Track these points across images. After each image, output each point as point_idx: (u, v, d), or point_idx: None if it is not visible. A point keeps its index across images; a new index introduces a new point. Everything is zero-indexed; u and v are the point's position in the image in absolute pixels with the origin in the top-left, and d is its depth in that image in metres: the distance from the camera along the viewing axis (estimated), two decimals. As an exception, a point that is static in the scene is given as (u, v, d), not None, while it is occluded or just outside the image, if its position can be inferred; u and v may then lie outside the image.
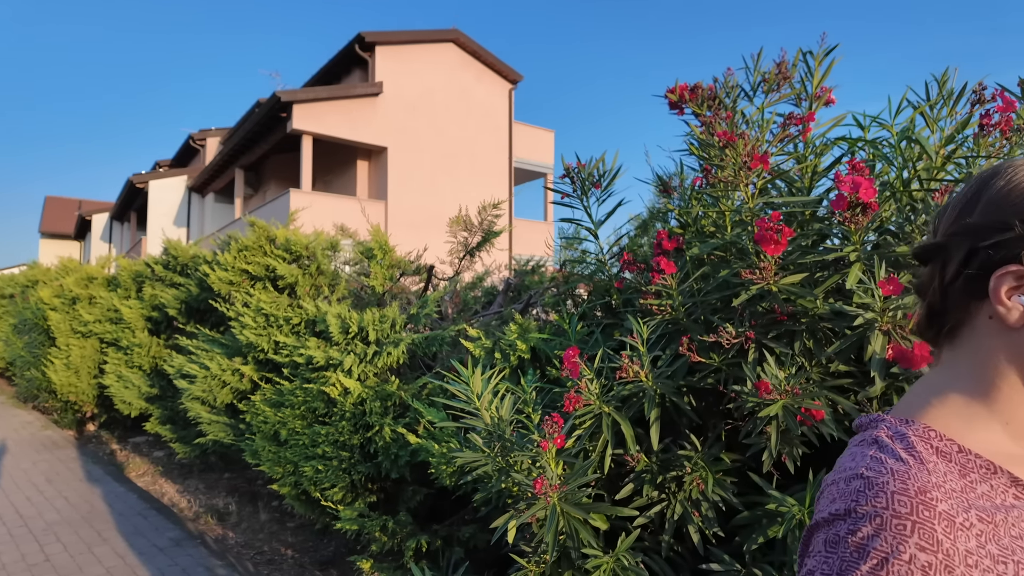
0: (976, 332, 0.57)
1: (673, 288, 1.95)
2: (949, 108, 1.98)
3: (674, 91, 2.31)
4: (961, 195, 0.61)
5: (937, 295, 0.60)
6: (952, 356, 0.60)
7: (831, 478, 0.58)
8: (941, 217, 0.62)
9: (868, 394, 1.63)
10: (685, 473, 1.74)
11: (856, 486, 0.53)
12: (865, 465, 0.54)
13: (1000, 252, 0.54)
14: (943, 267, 0.59)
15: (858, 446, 0.59)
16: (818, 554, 0.53)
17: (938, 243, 0.60)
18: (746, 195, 1.88)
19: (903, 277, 1.63)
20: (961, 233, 0.57)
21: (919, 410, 0.59)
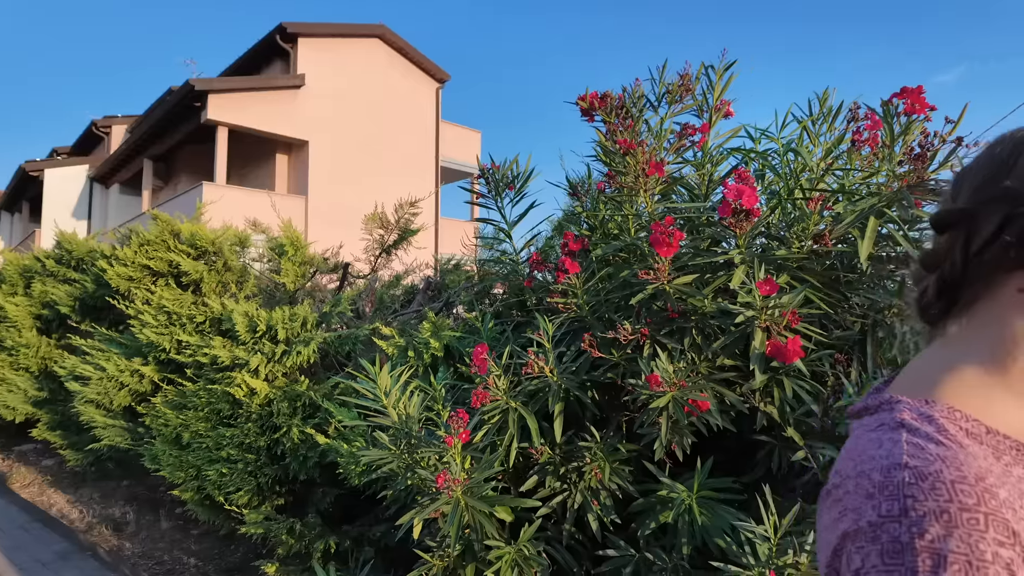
0: (998, 305, 0.53)
1: (578, 287, 2.02)
2: (828, 124, 2.17)
3: (585, 99, 2.39)
4: (987, 158, 0.56)
5: (958, 265, 0.55)
6: (964, 330, 0.56)
7: (849, 470, 0.51)
8: (963, 182, 0.57)
9: (751, 386, 1.76)
10: (585, 464, 1.82)
11: (902, 478, 0.46)
12: (905, 452, 0.47)
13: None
14: (969, 235, 0.53)
15: (876, 431, 0.52)
16: (874, 570, 0.43)
17: (964, 208, 0.54)
18: (646, 200, 1.99)
19: (781, 279, 1.77)
20: (997, 198, 0.52)
21: (932, 388, 0.54)
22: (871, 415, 0.56)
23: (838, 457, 0.56)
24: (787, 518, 1.44)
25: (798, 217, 1.85)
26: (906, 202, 1.67)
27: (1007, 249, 0.51)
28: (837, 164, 2.06)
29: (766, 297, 1.59)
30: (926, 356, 0.59)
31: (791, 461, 1.81)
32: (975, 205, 0.54)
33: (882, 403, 0.56)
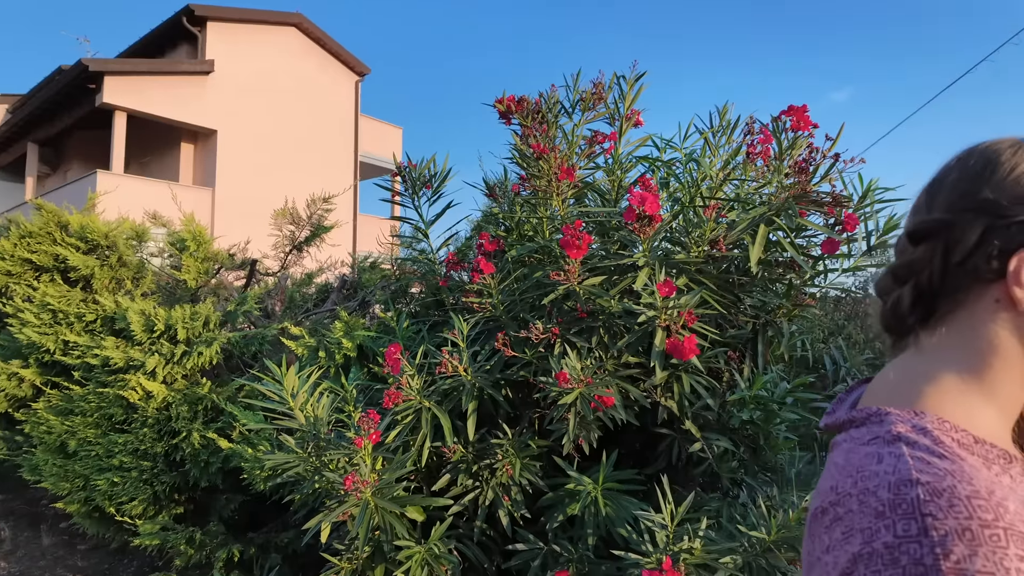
0: (976, 315, 0.54)
1: (493, 287, 2.05)
2: (727, 136, 2.31)
3: (502, 101, 2.43)
4: (961, 171, 0.57)
5: (938, 276, 0.55)
6: (941, 340, 0.56)
7: (848, 487, 0.49)
8: (936, 194, 0.58)
9: (653, 382, 1.85)
10: (498, 461, 1.85)
11: (916, 495, 0.44)
12: (913, 467, 0.46)
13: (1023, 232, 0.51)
14: (949, 246, 0.54)
15: (871, 445, 0.51)
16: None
17: (943, 219, 0.55)
18: (558, 204, 2.04)
19: (680, 281, 1.88)
20: (976, 210, 0.53)
21: (917, 399, 0.54)
22: (857, 427, 0.55)
23: (825, 474, 0.54)
24: (683, 506, 1.53)
25: (697, 223, 1.97)
26: (792, 211, 1.82)
27: (988, 260, 0.52)
28: (734, 174, 2.20)
29: (666, 298, 1.68)
30: (901, 367, 0.58)
31: (689, 452, 1.92)
32: (954, 216, 0.54)
33: (869, 415, 0.55)
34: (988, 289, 0.53)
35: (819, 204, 1.80)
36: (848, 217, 1.78)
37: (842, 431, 0.58)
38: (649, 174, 2.47)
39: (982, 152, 0.56)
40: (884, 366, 0.62)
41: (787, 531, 1.51)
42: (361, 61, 16.47)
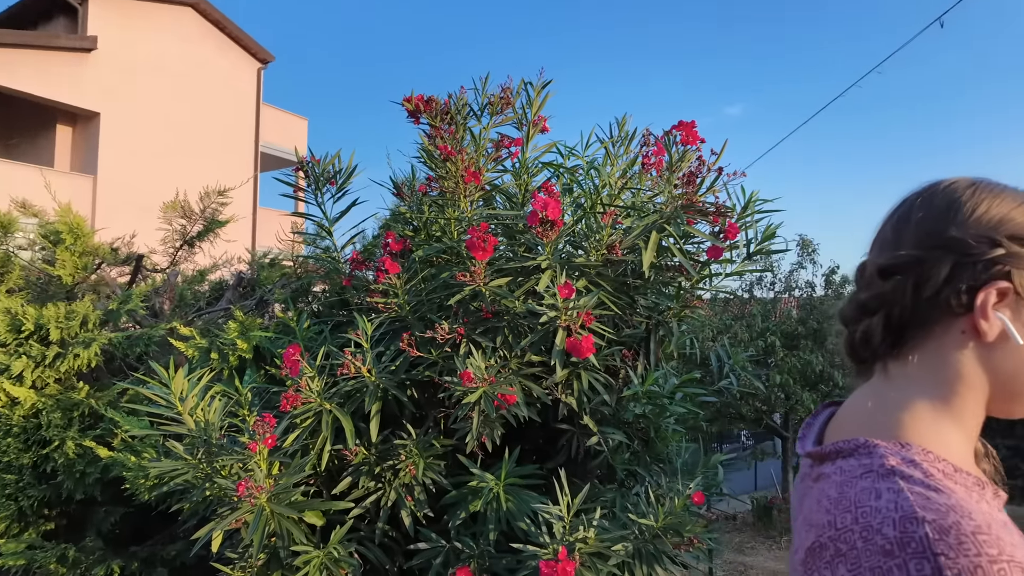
0: (944, 345, 0.58)
1: (399, 288, 2.05)
2: (625, 147, 2.43)
3: (410, 100, 2.42)
4: (926, 209, 0.60)
5: (908, 308, 0.58)
6: (911, 369, 0.59)
7: (848, 522, 0.50)
8: (902, 231, 0.61)
9: (554, 380, 1.93)
10: (401, 461, 1.85)
11: (925, 534, 0.45)
12: (915, 504, 0.48)
13: (990, 269, 0.55)
14: (919, 281, 0.57)
15: (866, 479, 0.52)
16: None
17: (915, 256, 0.58)
18: (465, 205, 2.07)
19: (580, 283, 1.96)
20: (944, 247, 0.57)
21: (898, 430, 0.57)
22: (846, 459, 0.56)
23: (816, 506, 0.55)
24: (578, 498, 1.61)
25: (596, 228, 2.06)
26: (680, 220, 1.95)
27: (958, 295, 0.56)
28: (631, 183, 2.33)
29: (566, 299, 1.75)
30: (874, 394, 0.61)
31: (587, 446, 2.01)
32: (924, 253, 0.58)
33: (858, 447, 0.56)
34: (956, 321, 0.57)
35: (704, 214, 1.94)
36: (730, 226, 1.94)
37: (827, 461, 0.59)
38: (554, 180, 2.55)
39: (944, 192, 0.60)
40: (852, 391, 0.66)
41: (673, 517, 1.63)
42: (264, 48, 15.70)
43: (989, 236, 0.56)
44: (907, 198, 0.64)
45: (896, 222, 0.63)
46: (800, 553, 0.54)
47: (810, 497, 0.59)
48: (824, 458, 0.60)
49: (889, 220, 0.64)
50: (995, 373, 0.57)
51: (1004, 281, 0.55)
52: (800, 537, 0.56)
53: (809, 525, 0.55)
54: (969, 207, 0.58)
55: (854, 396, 0.65)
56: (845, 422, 0.63)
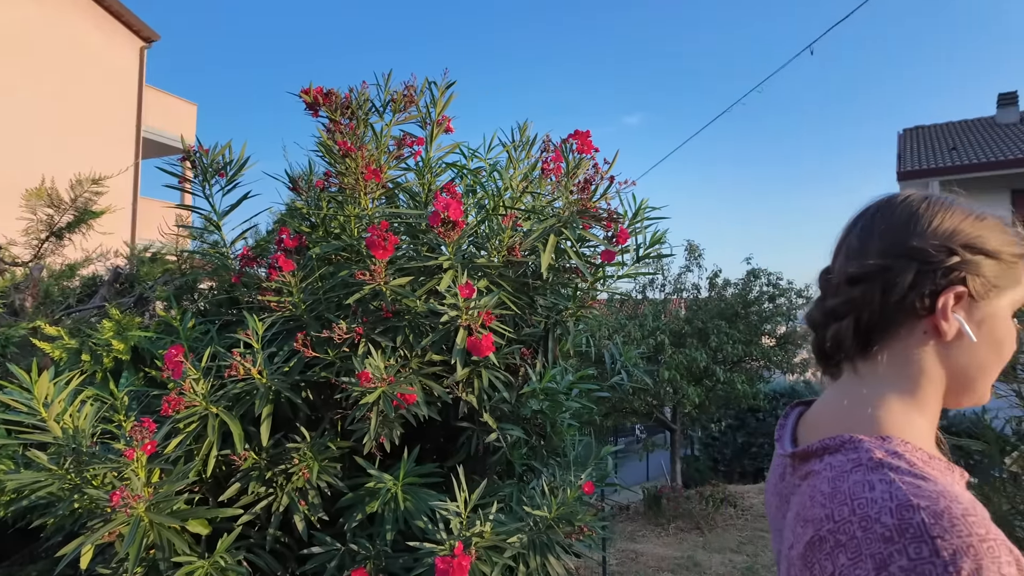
0: (908, 345, 0.63)
1: (294, 286, 1.98)
2: (527, 151, 2.50)
3: (309, 92, 2.35)
4: (888, 222, 0.66)
5: (877, 312, 0.64)
6: (880, 367, 0.64)
7: (845, 514, 0.54)
8: (867, 243, 0.66)
9: (455, 379, 1.95)
10: (294, 465, 1.80)
11: (921, 520, 0.50)
12: (908, 492, 0.52)
13: (948, 275, 0.61)
14: (886, 287, 0.63)
15: (857, 472, 0.57)
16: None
17: (882, 264, 0.63)
18: (365, 203, 2.05)
19: (481, 283, 2.00)
20: (907, 256, 0.62)
21: (877, 425, 0.62)
22: (832, 455, 0.60)
23: (809, 502, 0.59)
24: (475, 494, 1.64)
25: (498, 230, 2.11)
26: (576, 224, 2.04)
27: (922, 299, 0.62)
28: (532, 187, 2.40)
29: (467, 299, 1.78)
30: (848, 392, 0.66)
31: (486, 443, 2.05)
32: (890, 261, 0.63)
33: (843, 443, 0.60)
34: (919, 323, 0.63)
35: (598, 219, 2.05)
36: (621, 231, 2.05)
37: (813, 458, 0.63)
38: (457, 180, 2.57)
39: (902, 206, 0.66)
40: (823, 391, 0.72)
41: (566, 508, 1.70)
42: (148, 26, 14.50)
43: (946, 245, 0.62)
44: (866, 210, 0.69)
45: (860, 232, 0.68)
46: (799, 547, 0.58)
47: (800, 494, 0.63)
48: (809, 456, 0.64)
49: (852, 231, 0.69)
50: (952, 368, 0.63)
51: (960, 286, 0.61)
52: (795, 533, 0.60)
53: (805, 520, 0.59)
54: (926, 219, 0.64)
55: (827, 396, 0.70)
56: (823, 421, 0.68)
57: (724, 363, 7.36)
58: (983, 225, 0.64)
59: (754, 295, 7.75)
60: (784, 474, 0.70)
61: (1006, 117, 14.51)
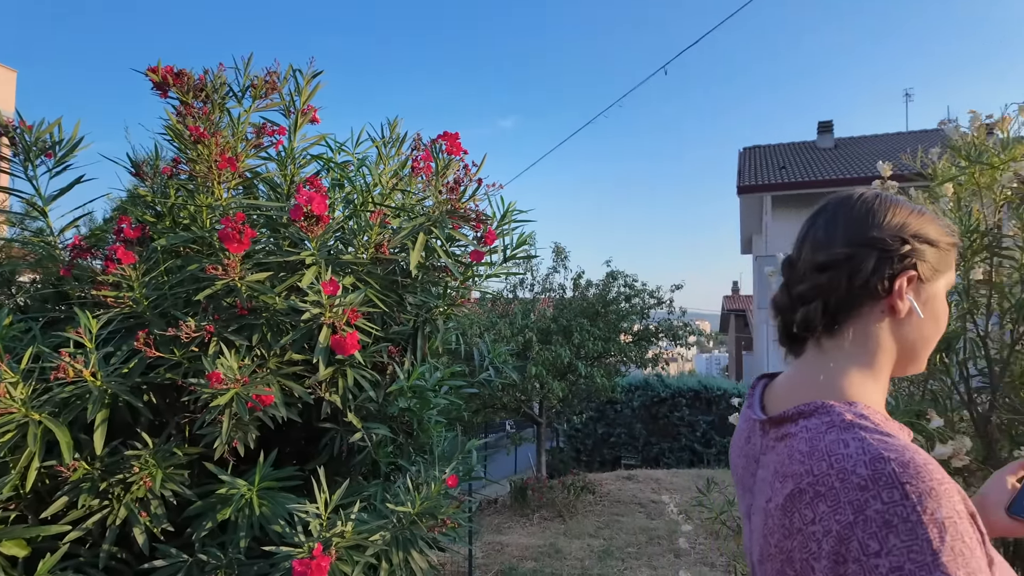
0: (865, 322, 0.72)
1: (134, 280, 1.82)
2: (397, 149, 2.48)
3: (156, 71, 2.16)
4: (849, 216, 0.74)
5: (843, 295, 0.72)
6: (843, 343, 0.73)
7: (824, 468, 0.62)
8: (834, 232, 0.74)
9: (318, 378, 1.90)
10: (133, 474, 1.66)
11: (892, 470, 0.58)
12: (879, 447, 0.60)
13: (903, 261, 0.71)
14: (852, 273, 0.71)
15: (832, 432, 0.65)
16: (895, 548, 0.55)
17: (847, 253, 0.72)
18: (218, 193, 1.93)
19: (347, 280, 1.97)
20: (869, 245, 0.71)
21: (842, 391, 0.71)
22: (807, 419, 0.69)
23: (787, 460, 0.67)
24: (336, 494, 1.62)
25: (365, 226, 2.09)
26: (446, 224, 2.07)
27: (881, 282, 0.71)
28: (402, 184, 2.40)
29: (331, 296, 1.74)
30: (814, 366, 0.75)
31: (350, 443, 2.02)
32: (853, 250, 0.72)
33: (816, 408, 0.69)
34: (877, 303, 0.72)
35: (467, 220, 2.10)
36: (490, 232, 2.12)
37: (789, 422, 0.71)
38: (324, 173, 2.50)
39: (860, 202, 0.75)
40: (793, 364, 0.79)
41: (430, 502, 1.73)
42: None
43: (899, 236, 0.71)
44: (827, 206, 0.78)
45: (826, 226, 0.76)
46: (778, 499, 0.66)
47: (775, 453, 0.71)
48: (785, 420, 0.72)
49: (815, 225, 0.77)
50: (902, 341, 0.74)
51: (912, 270, 0.71)
52: (773, 487, 0.68)
53: (784, 476, 0.66)
54: (881, 214, 0.73)
55: (794, 370, 0.78)
56: (794, 390, 0.76)
57: (586, 359, 7.77)
58: (924, 219, 0.74)
59: (613, 295, 8.27)
60: (750, 437, 0.79)
61: (824, 142, 16.74)
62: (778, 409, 0.75)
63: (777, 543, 0.66)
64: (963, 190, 1.67)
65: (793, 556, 0.63)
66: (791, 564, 0.64)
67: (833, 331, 0.74)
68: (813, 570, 0.61)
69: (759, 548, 0.71)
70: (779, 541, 0.65)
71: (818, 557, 0.60)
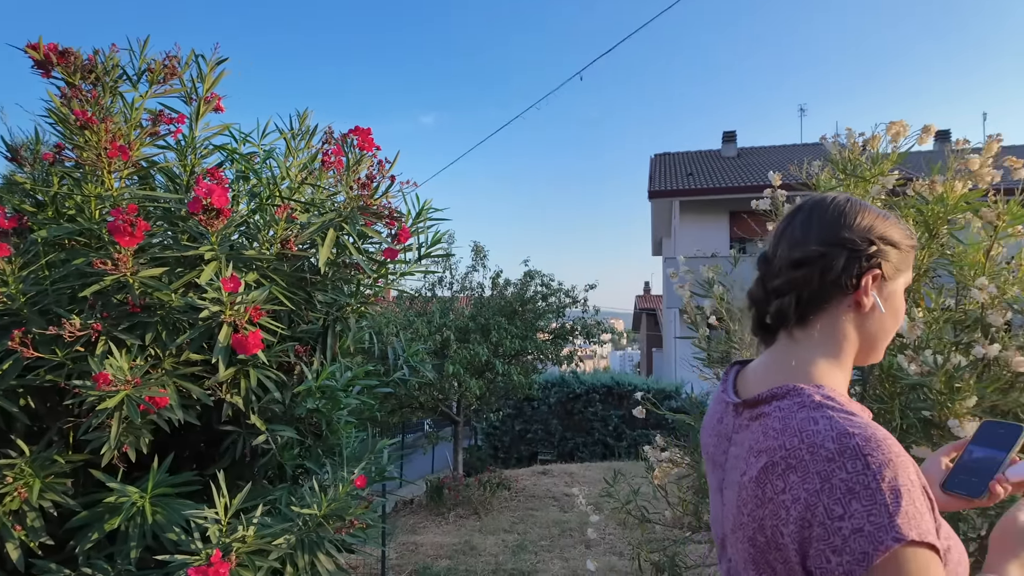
0: (833, 315, 0.79)
1: (9, 274, 1.68)
2: (307, 141, 2.42)
3: (38, 48, 2.00)
4: (821, 217, 0.81)
5: (816, 290, 0.79)
6: (808, 333, 0.80)
7: (796, 443, 0.69)
8: (808, 232, 0.80)
9: (218, 379, 1.82)
10: (6, 485, 1.52)
11: (856, 443, 0.65)
12: (846, 424, 0.68)
13: (870, 260, 0.77)
14: (824, 269, 0.78)
15: (803, 411, 0.72)
16: (857, 512, 0.62)
17: (821, 251, 0.78)
18: (109, 182, 1.80)
19: (250, 276, 1.90)
20: (840, 244, 0.78)
21: (810, 377, 0.78)
22: (780, 400, 0.76)
23: (762, 436, 0.74)
24: (237, 499, 1.56)
25: (271, 221, 2.02)
26: (357, 220, 2.04)
27: (850, 279, 0.77)
28: (312, 179, 2.33)
29: (232, 293, 1.68)
30: (786, 354, 0.81)
31: (254, 446, 1.95)
32: (826, 248, 0.78)
33: (789, 391, 0.75)
34: (845, 298, 0.79)
35: (380, 217, 2.08)
36: (403, 230, 2.11)
37: (763, 403, 0.78)
38: (227, 164, 2.39)
39: (833, 205, 0.82)
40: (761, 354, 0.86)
41: (337, 504, 1.71)
42: None
43: (867, 237, 0.78)
44: (803, 207, 0.84)
45: (801, 225, 0.82)
46: (752, 472, 0.73)
47: (750, 432, 0.78)
48: (759, 402, 0.79)
49: (792, 224, 0.84)
50: (864, 334, 0.81)
51: (877, 269, 0.78)
52: (748, 462, 0.75)
53: (759, 451, 0.73)
54: (851, 216, 0.80)
55: (767, 356, 0.85)
56: (767, 375, 0.82)
57: (503, 357, 7.84)
58: (888, 222, 0.81)
59: (530, 294, 8.40)
60: (723, 418, 0.86)
61: (728, 151, 17.78)
62: (751, 393, 0.82)
63: (750, 512, 0.72)
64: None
65: (764, 523, 0.70)
66: (762, 531, 0.70)
67: (804, 323, 0.80)
68: (782, 535, 0.67)
69: (732, 519, 0.76)
70: (752, 511, 0.72)
71: (786, 523, 0.67)
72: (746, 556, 0.73)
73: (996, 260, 1.64)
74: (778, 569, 0.69)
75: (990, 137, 1.61)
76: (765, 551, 0.70)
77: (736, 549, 0.76)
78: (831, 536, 0.63)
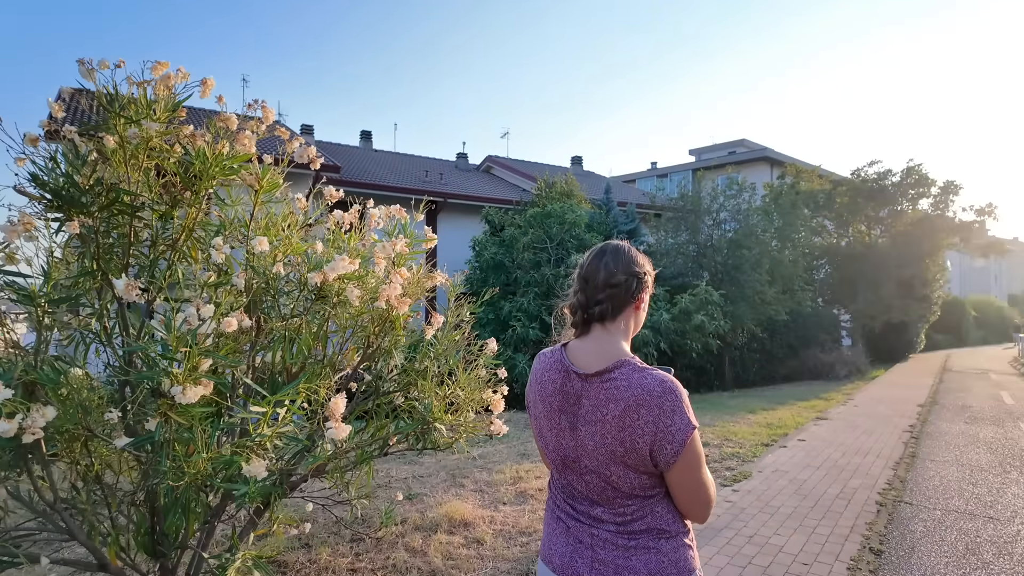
0: (627, 314, 1.29)
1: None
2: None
3: None
4: (619, 257, 1.28)
5: (622, 301, 1.26)
6: (613, 326, 1.27)
7: (643, 393, 1.14)
8: (617, 265, 1.27)
9: None
10: None
11: (668, 386, 1.14)
12: (664, 378, 1.15)
13: (643, 283, 1.30)
14: (627, 289, 1.27)
15: (638, 374, 1.17)
16: (676, 420, 1.13)
17: (624, 277, 1.27)
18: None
19: None
20: (632, 274, 1.28)
21: (624, 352, 1.23)
22: (620, 368, 1.19)
23: (615, 393, 1.16)
24: None
25: None
26: None
27: (638, 294, 1.29)
28: None
29: None
30: (606, 340, 1.25)
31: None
32: (627, 276, 1.27)
33: (623, 362, 1.19)
34: (631, 304, 1.29)
35: None
36: None
37: (607, 372, 1.19)
38: None
39: (625, 250, 1.31)
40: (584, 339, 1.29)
41: None
42: None
43: (643, 269, 1.31)
44: (607, 249, 1.30)
45: (611, 261, 1.28)
46: (615, 412, 1.15)
47: (603, 390, 1.18)
48: (605, 372, 1.20)
49: (603, 260, 1.29)
50: (637, 324, 1.33)
51: (646, 287, 1.31)
52: (607, 408, 1.16)
53: (616, 400, 1.16)
54: (636, 257, 1.31)
55: (588, 342, 1.27)
56: (599, 354, 1.23)
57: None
58: (645, 260, 1.33)
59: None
60: (565, 383, 1.25)
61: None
62: (593, 367, 1.22)
63: (615, 435, 1.16)
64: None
65: (625, 439, 1.15)
66: (622, 444, 1.15)
67: (614, 319, 1.27)
68: (639, 443, 1.14)
69: (594, 442, 1.18)
70: (616, 434, 1.16)
71: (643, 435, 1.14)
72: (609, 459, 1.17)
73: (268, 223, 1.68)
74: (632, 462, 1.15)
75: (255, 103, 1.65)
76: (624, 456, 1.15)
77: (596, 459, 1.19)
78: (667, 435, 1.12)
